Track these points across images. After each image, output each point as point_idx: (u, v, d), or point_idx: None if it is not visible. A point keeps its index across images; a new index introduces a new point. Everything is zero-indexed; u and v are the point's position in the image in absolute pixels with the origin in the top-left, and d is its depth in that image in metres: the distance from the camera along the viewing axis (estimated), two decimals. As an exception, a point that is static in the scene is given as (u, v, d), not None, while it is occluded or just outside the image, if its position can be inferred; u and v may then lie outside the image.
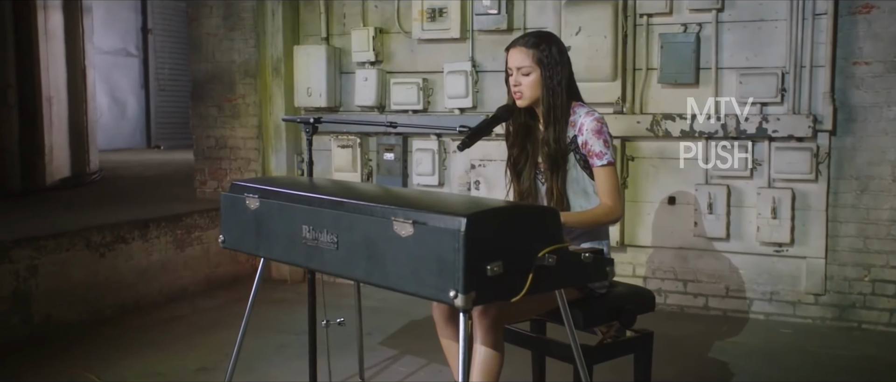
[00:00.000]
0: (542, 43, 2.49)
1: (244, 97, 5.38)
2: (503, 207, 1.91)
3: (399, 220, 1.85)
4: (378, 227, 1.90)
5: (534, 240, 1.86)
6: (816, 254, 4.15)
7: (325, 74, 5.05)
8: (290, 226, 2.17)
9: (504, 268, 1.78)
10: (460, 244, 1.72)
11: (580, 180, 2.51)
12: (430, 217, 1.80)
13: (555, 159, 2.49)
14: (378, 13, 5.05)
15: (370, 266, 1.95)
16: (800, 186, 4.13)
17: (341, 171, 5.08)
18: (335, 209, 2.04)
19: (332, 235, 2.03)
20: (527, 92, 2.50)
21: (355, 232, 1.97)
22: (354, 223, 1.97)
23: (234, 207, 2.38)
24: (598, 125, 2.47)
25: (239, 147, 5.45)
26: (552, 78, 2.47)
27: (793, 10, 4.04)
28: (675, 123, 4.27)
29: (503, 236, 1.80)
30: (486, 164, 4.70)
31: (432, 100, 4.93)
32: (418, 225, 1.81)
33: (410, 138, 4.98)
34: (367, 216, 1.94)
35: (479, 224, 1.75)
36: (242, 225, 2.36)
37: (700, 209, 4.29)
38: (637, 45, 4.38)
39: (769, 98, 4.10)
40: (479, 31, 4.72)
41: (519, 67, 2.49)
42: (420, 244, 1.81)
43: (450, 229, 1.74)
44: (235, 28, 5.37)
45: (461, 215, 1.74)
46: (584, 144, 2.48)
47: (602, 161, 2.46)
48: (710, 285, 4.39)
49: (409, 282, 1.85)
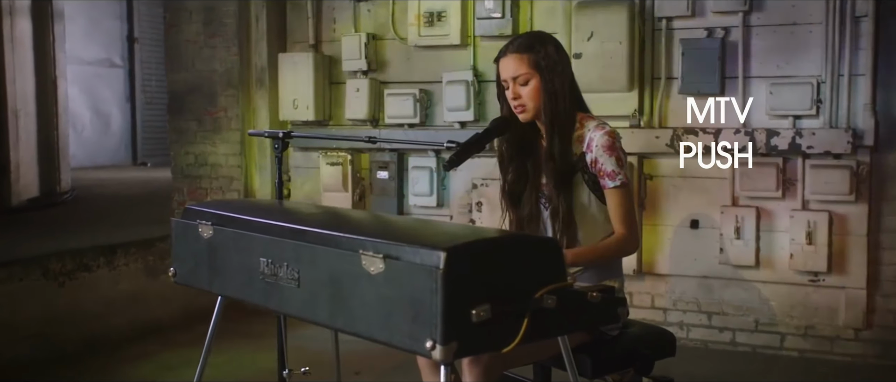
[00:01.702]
0: (536, 44, 2.32)
1: (226, 110, 5.29)
2: (491, 238, 1.71)
3: (368, 253, 1.66)
4: (344, 261, 1.71)
5: (529, 278, 1.67)
6: (857, 284, 3.99)
7: (313, 85, 4.95)
8: (246, 258, 1.99)
9: (492, 312, 1.58)
10: (438, 284, 1.53)
11: (589, 203, 2.34)
12: (404, 251, 1.61)
13: (560, 174, 2.32)
14: (371, 18, 4.94)
15: (334, 308, 1.76)
16: (838, 208, 3.97)
17: (330, 191, 4.95)
18: (296, 239, 1.86)
19: (292, 270, 1.86)
20: (530, 103, 2.32)
21: (319, 267, 1.79)
22: (317, 257, 1.79)
23: (187, 235, 2.21)
24: (609, 140, 2.29)
25: (220, 165, 5.35)
26: (553, 82, 2.31)
27: (829, 13, 3.89)
28: (698, 138, 4.12)
29: (491, 272, 1.61)
30: (488, 183, 4.55)
31: (430, 112, 4.81)
32: (390, 260, 1.62)
33: (406, 155, 4.85)
34: (331, 249, 1.76)
35: (461, 259, 1.55)
36: (195, 256, 2.20)
37: (726, 234, 4.14)
38: (656, 51, 4.24)
39: (803, 110, 3.95)
40: (482, 37, 4.60)
41: (514, 76, 2.32)
42: (392, 283, 1.62)
43: (426, 265, 1.55)
44: (217, 34, 5.27)
45: (439, 247, 1.55)
46: (594, 162, 2.30)
47: (615, 182, 2.29)
48: (737, 318, 4.24)
49: (380, 329, 1.66)
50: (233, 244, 2.05)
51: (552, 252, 1.74)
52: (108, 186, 8.40)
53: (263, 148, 5.20)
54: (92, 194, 7.47)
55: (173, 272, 2.30)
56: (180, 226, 2.26)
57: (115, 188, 8.16)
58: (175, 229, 2.28)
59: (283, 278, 1.88)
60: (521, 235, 2.07)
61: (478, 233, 1.83)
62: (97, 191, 7.78)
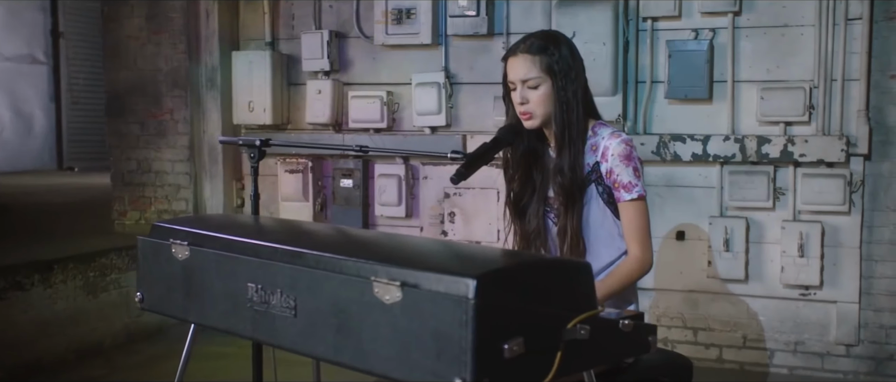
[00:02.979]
0: (551, 45, 2.24)
1: (172, 113, 5.15)
2: (523, 262, 1.63)
3: (381, 280, 1.54)
4: (352, 289, 1.60)
5: (561, 305, 1.58)
6: (849, 298, 4.01)
7: (271, 86, 4.83)
8: (230, 284, 1.86)
9: (526, 346, 1.48)
10: (469, 316, 1.42)
11: (602, 218, 2.27)
12: (425, 277, 1.50)
13: (570, 191, 2.24)
14: (333, 14, 4.85)
15: (340, 341, 1.64)
16: (830, 219, 3.98)
17: (290, 200, 4.84)
18: (293, 263, 1.73)
19: (288, 297, 1.73)
20: (538, 110, 2.23)
21: (320, 295, 1.67)
22: (319, 283, 1.67)
23: (157, 256, 2.06)
24: (626, 149, 2.22)
25: (166, 172, 5.21)
26: (566, 89, 2.22)
27: (822, 14, 3.90)
28: (685, 146, 4.10)
29: (524, 301, 1.51)
30: (462, 192, 4.47)
31: (398, 117, 4.73)
32: (408, 288, 1.51)
33: (373, 162, 4.75)
34: (336, 274, 1.64)
35: (493, 288, 1.45)
36: (167, 280, 2.04)
37: (714, 246, 4.12)
38: (640, 53, 4.21)
39: (795, 116, 3.95)
40: (455, 36, 4.54)
41: (524, 79, 2.23)
42: (411, 315, 1.51)
43: (452, 294, 1.45)
44: (162, 30, 5.13)
45: (469, 274, 1.45)
46: (609, 172, 2.23)
47: (632, 194, 2.22)
48: (724, 334, 4.23)
49: (396, 365, 1.54)
50: (214, 268, 1.91)
51: (585, 277, 1.66)
52: (35, 194, 8.05)
53: (214, 154, 5.06)
54: (18, 204, 7.13)
55: (140, 297, 2.14)
56: (149, 246, 2.11)
57: (43, 197, 7.82)
58: (143, 249, 2.13)
59: (277, 306, 1.75)
60: (553, 259, 1.97)
61: (505, 257, 1.74)
62: (24, 200, 7.44)
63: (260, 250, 1.82)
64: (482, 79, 4.50)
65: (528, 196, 2.34)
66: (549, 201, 2.32)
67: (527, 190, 2.34)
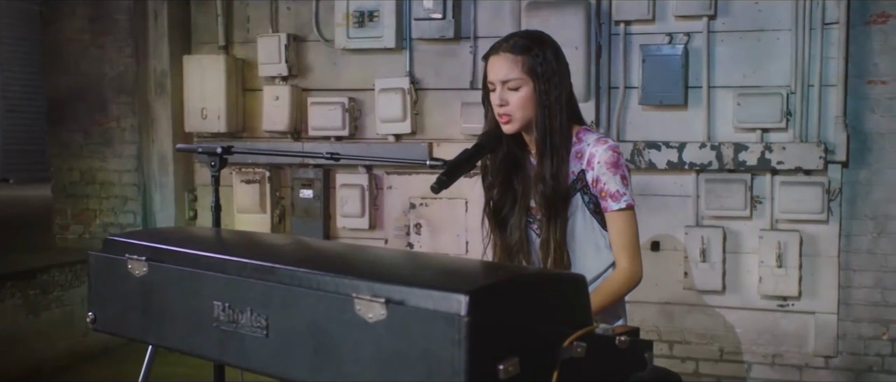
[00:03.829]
0: (535, 46, 2.17)
1: (119, 120, 5.05)
2: (516, 275, 1.56)
3: (363, 297, 1.47)
4: (331, 306, 1.52)
5: (557, 322, 1.53)
6: (827, 309, 4.03)
7: (225, 92, 4.75)
8: (194, 302, 1.77)
9: (521, 366, 1.42)
10: (462, 335, 1.35)
11: (588, 229, 2.22)
12: (412, 293, 1.42)
13: (552, 201, 2.18)
14: (291, 16, 4.78)
15: (318, 363, 1.56)
16: (808, 227, 4.00)
17: (246, 212, 4.75)
18: (264, 279, 1.64)
19: (259, 316, 1.64)
20: (518, 113, 2.16)
21: (295, 313, 1.58)
22: (294, 300, 1.59)
23: (111, 273, 1.95)
24: (613, 156, 2.17)
25: (112, 183, 5.11)
26: (549, 93, 2.16)
27: (798, 18, 3.92)
28: (660, 153, 4.09)
29: (519, 318, 1.45)
30: (428, 203, 4.40)
31: (361, 124, 4.67)
32: (394, 305, 1.44)
33: (334, 172, 4.68)
34: (313, 291, 1.56)
35: (487, 304, 1.38)
36: (123, 299, 1.93)
37: (691, 256, 4.12)
38: (613, 58, 4.20)
39: (772, 123, 3.97)
40: (420, 40, 4.51)
41: (504, 80, 2.16)
42: (397, 334, 1.43)
43: (442, 311, 1.38)
44: (107, 33, 5.04)
45: (460, 290, 1.38)
46: (596, 181, 2.17)
47: (619, 204, 2.17)
48: (701, 346, 4.22)
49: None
50: (176, 285, 1.82)
51: (580, 291, 1.60)
52: (-33, 207, 7.79)
53: (165, 163, 4.98)
54: (-50, 217, 6.90)
55: (92, 317, 2.02)
56: (102, 262, 1.99)
57: (-24, 210, 7.57)
58: (95, 265, 2.01)
59: (246, 326, 1.67)
60: (547, 272, 1.91)
61: (496, 271, 1.68)
62: (-44, 213, 7.19)
63: (227, 265, 1.73)
64: (449, 84, 4.46)
65: (508, 206, 2.27)
66: (532, 211, 2.26)
67: (507, 199, 2.27)
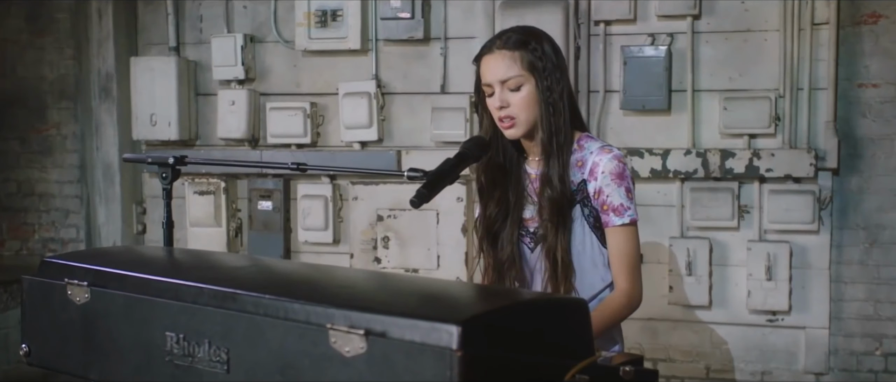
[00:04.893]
0: (531, 40, 2.07)
1: (59, 127, 4.99)
2: (511, 301, 1.48)
3: (340, 328, 1.35)
4: (302, 339, 1.41)
5: (557, 353, 1.43)
6: (818, 323, 3.99)
7: (176, 97, 4.63)
8: (144, 333, 1.65)
9: (520, 404, 1.33)
10: (454, 372, 1.25)
11: (587, 244, 2.12)
12: (395, 324, 1.31)
13: (560, 205, 2.07)
14: (247, 16, 4.68)
15: (289, 404, 1.45)
16: (798, 238, 3.96)
17: (200, 226, 4.61)
18: (225, 307, 1.52)
19: (218, 349, 1.53)
20: (522, 114, 2.06)
21: (261, 346, 1.46)
22: (259, 331, 1.47)
23: (47, 300, 1.81)
24: (619, 166, 2.07)
25: (53, 195, 5.03)
26: (552, 90, 2.06)
27: (786, 19, 3.88)
28: (643, 161, 4.02)
29: (516, 349, 1.35)
30: (397, 214, 4.27)
31: (324, 130, 4.56)
32: (374, 338, 1.33)
33: (294, 181, 4.57)
34: (281, 321, 1.44)
35: (481, 335, 1.28)
36: (61, 329, 1.79)
37: (675, 270, 4.05)
38: (592, 60, 4.13)
39: (760, 128, 3.92)
40: (386, 41, 4.41)
41: (503, 79, 2.04)
42: (379, 370, 1.32)
43: (432, 344, 1.27)
44: (46, 33, 4.99)
45: (450, 319, 1.27)
46: (598, 193, 2.07)
47: (623, 219, 2.09)
48: (686, 364, 4.17)
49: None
50: (122, 313, 1.69)
51: (581, 317, 1.50)
52: None
53: (110, 174, 4.86)
54: None
55: (26, 350, 1.88)
56: (36, 287, 1.84)
57: None
58: (29, 290, 1.86)
59: (204, 360, 1.55)
60: (544, 297, 1.78)
61: (488, 296, 1.58)
62: None
63: (181, 291, 1.60)
64: (418, 88, 4.36)
65: (501, 219, 2.15)
66: (525, 223, 2.15)
67: (500, 212, 2.15)
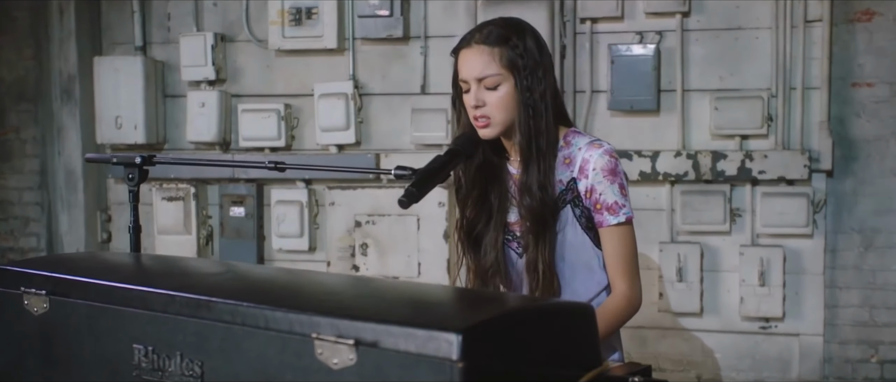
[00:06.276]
0: (513, 35, 2.00)
1: (18, 131, 4.94)
2: (513, 308, 1.43)
3: (327, 338, 1.29)
4: (285, 350, 1.35)
5: (562, 363, 1.39)
6: (812, 330, 4.00)
7: (143, 98, 4.57)
8: (109, 345, 1.59)
9: (526, 419, 1.29)
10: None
11: (580, 247, 2.07)
12: (387, 333, 1.25)
13: (540, 214, 2.02)
14: (218, 14, 4.63)
15: (273, 422, 1.39)
16: (792, 242, 3.96)
17: (168, 233, 4.55)
18: (198, 316, 1.46)
19: (191, 362, 1.47)
20: (498, 115, 2.00)
21: (238, 358, 1.41)
22: (237, 342, 1.41)
23: (3, 310, 1.76)
24: (611, 162, 2.04)
25: (11, 202, 4.98)
26: (533, 89, 1.99)
27: (778, 16, 3.88)
28: (631, 163, 4.01)
29: (519, 359, 1.30)
30: (376, 220, 4.21)
31: (299, 133, 4.51)
32: (365, 348, 1.27)
33: (267, 186, 4.52)
34: (261, 330, 1.38)
35: (483, 344, 1.23)
36: (18, 342, 1.73)
37: (665, 276, 4.03)
38: (578, 59, 4.11)
39: (752, 129, 3.92)
40: (364, 40, 4.37)
41: (480, 77, 1.99)
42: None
43: (429, 355, 1.22)
44: (3, 32, 4.96)
45: (449, 327, 1.22)
46: (590, 191, 2.03)
47: (617, 217, 2.05)
48: (677, 373, 4.15)
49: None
50: (85, 324, 1.63)
51: (588, 324, 1.46)
52: None
53: (73, 179, 4.78)
54: None
55: None
56: None
57: None
58: None
59: (175, 374, 1.49)
60: (549, 303, 1.73)
61: (488, 302, 1.53)
62: None
63: (150, 299, 1.54)
64: (397, 89, 4.33)
65: (483, 223, 2.11)
66: (510, 227, 2.11)
67: (482, 215, 2.11)
